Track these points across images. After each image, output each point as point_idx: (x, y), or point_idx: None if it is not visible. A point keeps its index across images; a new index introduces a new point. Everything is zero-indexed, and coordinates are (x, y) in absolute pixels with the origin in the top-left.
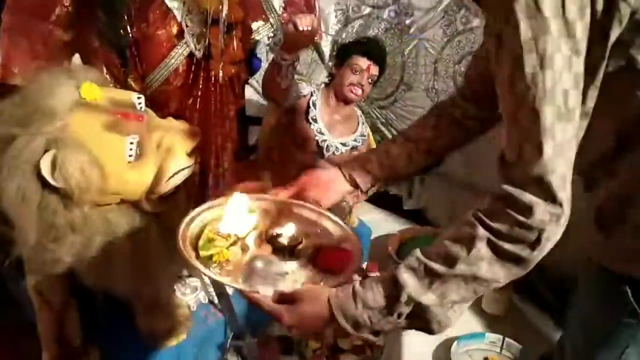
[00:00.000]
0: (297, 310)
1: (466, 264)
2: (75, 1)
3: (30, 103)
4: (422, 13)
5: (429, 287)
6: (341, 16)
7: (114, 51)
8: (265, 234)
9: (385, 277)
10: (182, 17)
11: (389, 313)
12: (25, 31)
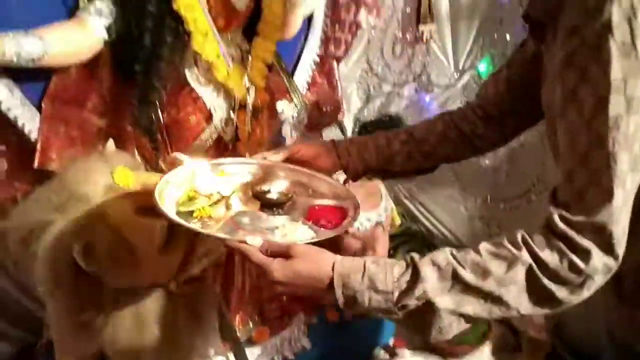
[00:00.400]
0: (292, 267)
1: (497, 283)
2: (111, 90)
3: (66, 189)
4: (442, 90)
5: (449, 290)
6: (362, 94)
7: (146, 135)
8: (252, 191)
9: (403, 264)
10: (211, 103)
11: (394, 300)
12: (64, 119)
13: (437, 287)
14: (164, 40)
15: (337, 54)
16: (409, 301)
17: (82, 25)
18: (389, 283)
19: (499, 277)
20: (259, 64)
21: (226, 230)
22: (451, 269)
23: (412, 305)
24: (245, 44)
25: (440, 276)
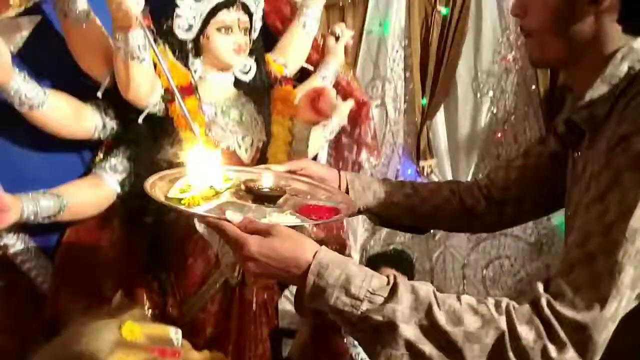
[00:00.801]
0: (270, 244)
1: (465, 335)
2: (123, 240)
3: (75, 345)
4: None
5: (417, 323)
6: (368, 225)
7: (155, 281)
8: (245, 185)
9: (384, 280)
10: (218, 248)
11: (360, 309)
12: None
13: (407, 314)
14: None
15: None
16: (374, 315)
17: (98, 181)
18: (363, 291)
19: (469, 331)
20: None
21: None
22: (428, 302)
23: (375, 320)
24: None
25: (414, 305)
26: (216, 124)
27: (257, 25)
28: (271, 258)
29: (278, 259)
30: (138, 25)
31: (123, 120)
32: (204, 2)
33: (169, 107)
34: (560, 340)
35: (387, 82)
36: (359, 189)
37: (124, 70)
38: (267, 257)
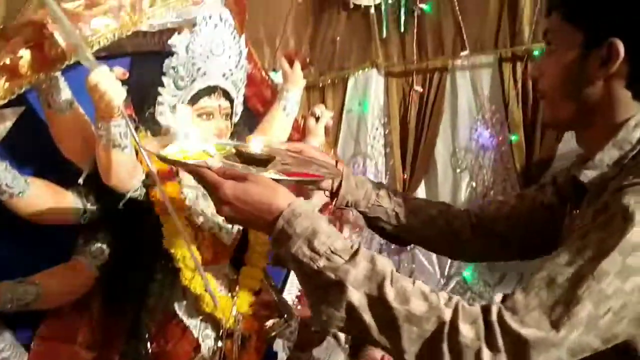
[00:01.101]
0: (244, 188)
1: (407, 315)
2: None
3: None
4: None
5: (366, 292)
6: None
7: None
8: (235, 149)
9: (349, 245)
10: (199, 333)
11: (317, 264)
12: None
13: (359, 280)
14: (154, 277)
15: None
16: (328, 273)
17: (77, 267)
18: (324, 247)
19: (413, 313)
20: (246, 293)
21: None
22: (382, 275)
23: (328, 278)
24: (233, 274)
25: (369, 274)
26: (197, 207)
27: (238, 109)
28: (245, 202)
29: (251, 203)
30: (120, 114)
31: (104, 206)
32: (185, 90)
33: (150, 192)
34: (497, 347)
35: (368, 158)
36: (352, 184)
37: (106, 158)
38: (241, 201)
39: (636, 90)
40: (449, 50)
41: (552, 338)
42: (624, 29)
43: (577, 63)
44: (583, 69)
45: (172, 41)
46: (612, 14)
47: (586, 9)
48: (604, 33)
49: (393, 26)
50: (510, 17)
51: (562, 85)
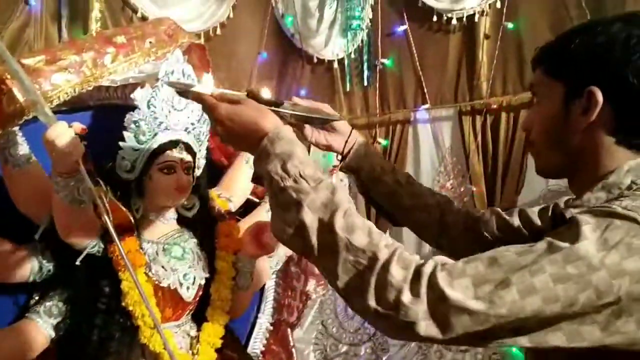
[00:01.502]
0: (237, 109)
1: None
2: None
3: None
4: (397, 348)
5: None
6: (319, 355)
7: None
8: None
9: (320, 177)
10: None
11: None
12: None
13: (316, 205)
14: (112, 336)
15: (291, 321)
16: (291, 192)
17: (30, 326)
18: (295, 170)
19: (353, 243)
20: (208, 350)
21: None
22: (337, 207)
23: (289, 196)
24: (194, 330)
25: (326, 203)
26: (157, 262)
27: (200, 163)
28: (235, 122)
29: (241, 124)
30: (78, 170)
31: (60, 262)
32: (147, 144)
33: (108, 248)
34: (419, 294)
35: None
36: (362, 152)
37: (63, 213)
38: (232, 121)
39: (620, 136)
40: (410, 104)
41: (472, 305)
42: (600, 78)
43: (560, 114)
44: (566, 119)
45: (134, 95)
46: (589, 65)
47: (565, 62)
48: (582, 83)
49: (356, 80)
50: (469, 72)
51: (548, 136)
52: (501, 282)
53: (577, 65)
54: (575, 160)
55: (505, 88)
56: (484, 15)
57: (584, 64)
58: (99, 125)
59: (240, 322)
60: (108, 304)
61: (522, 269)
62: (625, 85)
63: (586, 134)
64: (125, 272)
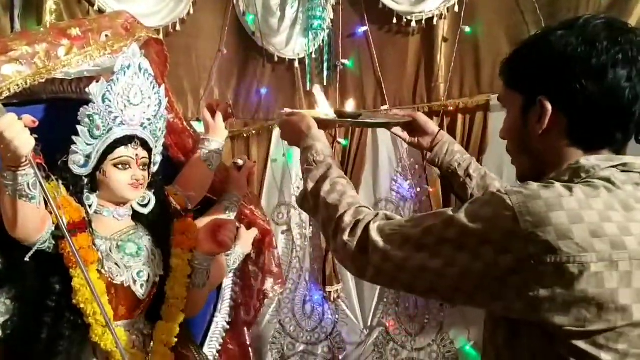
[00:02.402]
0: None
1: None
2: None
3: None
4: (354, 347)
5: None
6: (277, 354)
7: None
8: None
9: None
10: None
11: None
12: None
13: (315, 177)
14: (62, 335)
15: (248, 320)
16: (306, 173)
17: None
18: (311, 159)
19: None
20: (162, 349)
21: None
22: (326, 177)
23: (305, 174)
24: (148, 329)
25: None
26: (110, 259)
27: (156, 159)
28: (288, 128)
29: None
30: (28, 163)
31: (8, 259)
32: (101, 139)
33: (59, 244)
34: (354, 234)
35: (292, 208)
36: (443, 150)
37: (11, 209)
38: (286, 127)
39: (573, 138)
40: (370, 104)
41: (382, 249)
42: (549, 88)
43: (520, 122)
44: (526, 127)
45: (89, 89)
46: (538, 76)
47: (519, 75)
48: (535, 93)
49: (317, 80)
50: (427, 75)
51: (515, 143)
52: (417, 240)
53: (528, 77)
54: (540, 164)
55: (462, 90)
56: (442, 19)
57: (534, 76)
58: (52, 119)
59: (197, 321)
60: (58, 301)
61: (427, 230)
62: (570, 93)
63: (543, 138)
64: (77, 269)
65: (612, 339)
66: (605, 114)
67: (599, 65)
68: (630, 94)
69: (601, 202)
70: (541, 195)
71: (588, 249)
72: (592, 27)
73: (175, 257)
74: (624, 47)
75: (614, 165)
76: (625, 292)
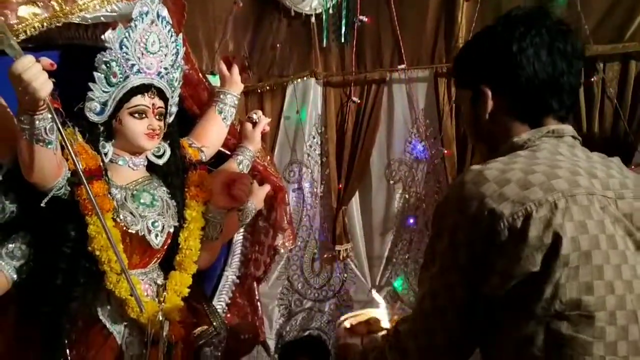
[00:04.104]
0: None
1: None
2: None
3: None
4: (361, 305)
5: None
6: (284, 310)
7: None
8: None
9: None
10: (122, 340)
11: None
12: None
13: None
14: (76, 281)
15: (257, 275)
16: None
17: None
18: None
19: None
20: (174, 298)
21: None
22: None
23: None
24: (161, 278)
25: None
26: (125, 208)
27: (172, 110)
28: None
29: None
30: (45, 107)
31: (24, 204)
32: (117, 87)
33: (75, 191)
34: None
35: (305, 166)
36: None
37: (29, 153)
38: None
39: (516, 114)
40: (387, 63)
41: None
42: (486, 76)
43: (472, 112)
44: (477, 115)
45: (106, 36)
46: (476, 69)
47: (463, 73)
48: (478, 84)
49: (333, 37)
50: (447, 34)
51: (472, 132)
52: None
53: (469, 72)
54: (495, 144)
55: None
56: None
57: (473, 69)
58: (68, 66)
59: (207, 274)
60: (73, 248)
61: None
62: (502, 77)
63: (492, 120)
64: (93, 216)
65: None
66: (536, 89)
67: (520, 49)
68: (552, 69)
69: (522, 160)
70: (466, 179)
71: (524, 200)
72: (513, 17)
73: (189, 209)
74: (540, 30)
75: (543, 135)
76: (570, 225)
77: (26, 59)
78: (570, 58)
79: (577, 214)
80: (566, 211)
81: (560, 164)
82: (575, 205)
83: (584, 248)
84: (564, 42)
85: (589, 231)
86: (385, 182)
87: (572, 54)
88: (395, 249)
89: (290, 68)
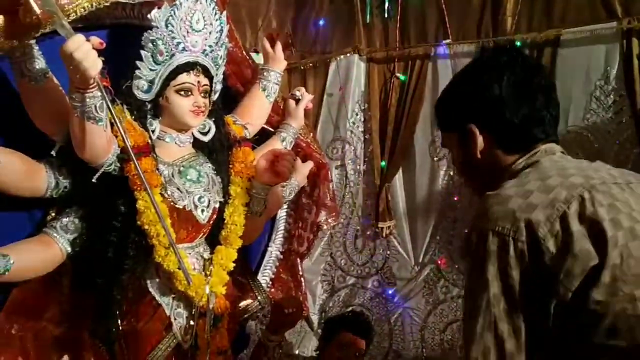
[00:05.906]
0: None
1: None
2: (70, 300)
3: None
4: (404, 282)
5: None
6: (327, 286)
7: (104, 344)
8: None
9: None
10: (171, 312)
11: None
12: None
13: None
14: (127, 254)
15: (300, 251)
16: None
17: (47, 241)
18: None
19: None
20: (220, 272)
21: None
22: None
23: None
24: (208, 253)
25: None
26: (173, 184)
27: (217, 87)
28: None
29: None
30: (95, 86)
31: (77, 179)
32: (164, 65)
33: (124, 167)
34: None
35: (347, 143)
36: None
37: (80, 130)
38: None
39: (505, 145)
40: (431, 38)
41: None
42: (471, 117)
43: (463, 152)
44: (467, 154)
45: (152, 15)
46: (460, 112)
47: (448, 117)
48: (464, 124)
49: (377, 12)
50: (493, 7)
51: (467, 172)
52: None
53: (453, 115)
54: (490, 178)
55: (531, 24)
56: None
57: (457, 112)
58: (115, 44)
59: (251, 249)
60: (123, 222)
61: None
62: (486, 115)
63: (483, 157)
64: (142, 191)
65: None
66: (521, 122)
67: (501, 90)
68: (533, 103)
69: (532, 174)
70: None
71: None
72: (485, 61)
73: (234, 185)
74: (514, 70)
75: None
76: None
77: (77, 38)
78: (548, 90)
79: (604, 199)
80: (594, 200)
81: (566, 165)
82: (598, 193)
83: (626, 225)
84: (538, 76)
85: (621, 210)
86: (430, 159)
87: (548, 86)
88: (440, 226)
89: (333, 45)
